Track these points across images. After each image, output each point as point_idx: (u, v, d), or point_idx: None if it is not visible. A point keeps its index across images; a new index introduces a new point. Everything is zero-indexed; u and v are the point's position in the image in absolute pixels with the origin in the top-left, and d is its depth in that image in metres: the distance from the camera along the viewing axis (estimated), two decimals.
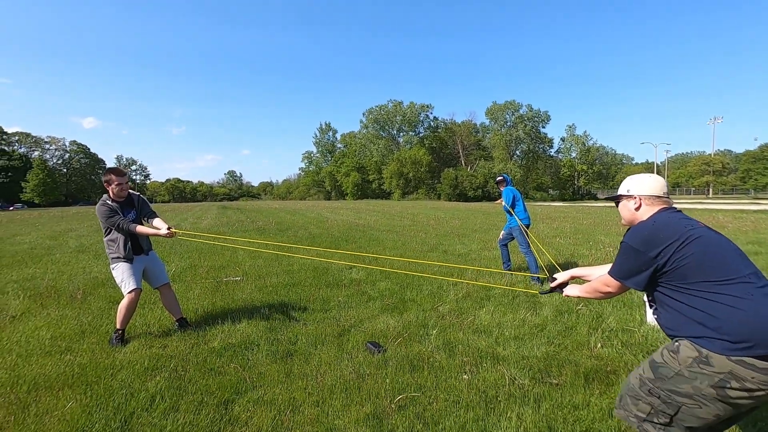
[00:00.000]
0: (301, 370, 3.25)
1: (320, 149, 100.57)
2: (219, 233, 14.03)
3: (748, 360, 1.56)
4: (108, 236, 3.91)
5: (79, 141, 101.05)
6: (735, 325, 1.60)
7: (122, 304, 3.83)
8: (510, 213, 6.30)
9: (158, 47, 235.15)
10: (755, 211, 21.68)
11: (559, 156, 75.46)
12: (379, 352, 3.52)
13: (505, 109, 70.78)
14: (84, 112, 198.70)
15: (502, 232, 6.63)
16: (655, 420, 1.79)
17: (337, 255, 8.68)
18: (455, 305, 4.91)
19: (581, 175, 71.69)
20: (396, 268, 6.99)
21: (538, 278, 6.01)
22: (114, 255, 3.88)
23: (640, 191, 1.98)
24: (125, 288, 3.83)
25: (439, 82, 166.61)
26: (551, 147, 74.05)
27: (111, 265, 3.93)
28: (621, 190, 2.07)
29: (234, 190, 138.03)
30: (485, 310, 4.67)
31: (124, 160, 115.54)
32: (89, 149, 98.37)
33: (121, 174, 3.92)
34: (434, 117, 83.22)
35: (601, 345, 3.67)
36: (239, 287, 5.94)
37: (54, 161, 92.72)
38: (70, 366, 3.34)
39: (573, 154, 73.02)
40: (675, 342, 1.77)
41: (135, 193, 4.13)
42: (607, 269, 2.15)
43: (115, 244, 3.87)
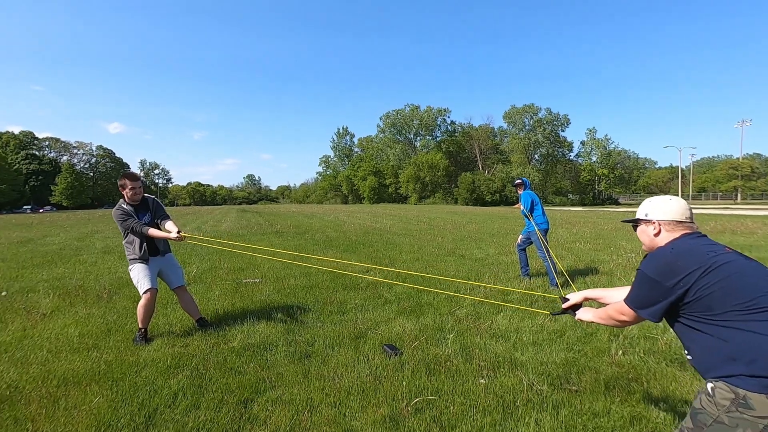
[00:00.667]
0: (319, 371, 3.28)
1: (338, 153, 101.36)
2: (238, 236, 14.28)
3: None
4: (126, 239, 4.06)
5: (105, 146, 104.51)
6: None
7: (140, 304, 3.96)
8: (528, 217, 6.23)
9: (181, 55, 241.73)
10: None
11: (579, 160, 73.95)
12: (396, 355, 3.53)
13: (524, 113, 69.91)
14: (110, 118, 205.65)
15: (521, 236, 6.57)
16: None
17: (354, 259, 8.73)
18: (472, 309, 4.88)
19: (602, 180, 70.09)
20: (411, 275, 6.99)
21: (557, 284, 5.93)
22: (131, 256, 4.03)
23: (660, 216, 1.83)
24: (141, 288, 3.96)
25: (457, 87, 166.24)
26: (571, 151, 72.72)
27: (129, 267, 4.08)
28: (639, 214, 1.93)
29: (253, 194, 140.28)
30: (503, 315, 4.63)
31: (148, 164, 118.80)
32: (114, 154, 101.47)
33: (135, 179, 4.06)
34: (451, 121, 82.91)
35: (623, 352, 3.59)
36: (258, 289, 6.03)
37: (81, 165, 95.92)
38: (97, 363, 3.46)
39: (593, 158, 71.44)
40: (710, 383, 1.58)
41: (150, 197, 4.25)
42: (624, 292, 2.02)
43: (132, 246, 4.02)
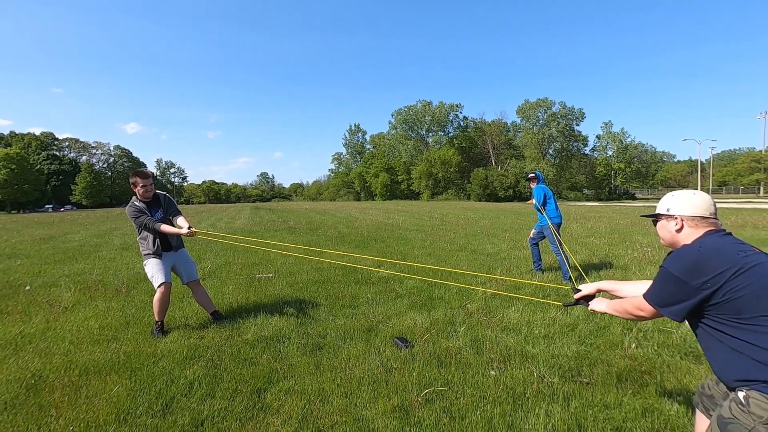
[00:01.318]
0: (330, 363, 3.33)
1: (350, 150, 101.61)
2: (252, 232, 14.46)
3: None
4: (140, 235, 4.17)
5: (123, 146, 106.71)
6: None
7: (155, 298, 4.07)
8: (540, 211, 6.18)
9: (196, 57, 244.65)
10: None
11: (595, 154, 72.81)
12: (407, 348, 3.56)
13: (537, 107, 69.02)
14: (127, 118, 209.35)
15: (533, 231, 6.52)
16: None
17: (366, 254, 8.78)
18: (484, 303, 4.88)
19: (618, 174, 68.89)
20: (422, 270, 7.00)
21: (570, 277, 5.87)
22: (145, 252, 4.15)
23: (683, 211, 1.73)
24: (155, 282, 4.07)
25: (469, 82, 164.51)
26: (586, 145, 71.59)
27: (143, 261, 4.21)
28: (660, 209, 1.83)
29: (266, 192, 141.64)
30: (514, 309, 4.62)
31: (164, 164, 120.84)
32: (131, 153, 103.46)
33: (146, 176, 4.14)
34: (464, 116, 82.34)
35: (636, 345, 3.56)
36: (271, 283, 6.12)
37: (100, 165, 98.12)
38: (117, 354, 3.57)
39: (609, 153, 70.23)
40: (741, 391, 1.50)
41: (161, 193, 4.34)
42: (640, 287, 1.97)
43: (146, 242, 4.13)
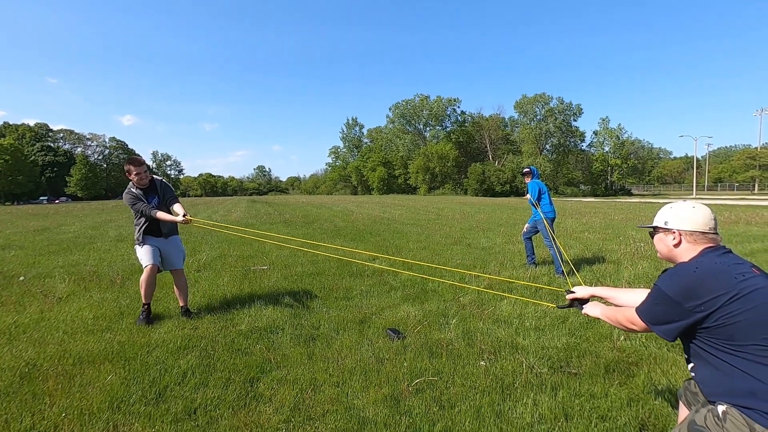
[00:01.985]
0: (323, 353, 3.37)
1: (347, 144, 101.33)
2: (248, 225, 14.45)
3: None
4: (136, 219, 4.22)
5: (118, 137, 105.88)
6: None
7: (141, 278, 4.14)
8: (535, 206, 6.23)
9: (193, 50, 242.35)
10: None
11: (592, 150, 72.84)
12: (399, 339, 3.60)
13: (535, 103, 68.87)
14: (123, 110, 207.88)
15: (527, 225, 6.57)
16: None
17: (361, 247, 8.81)
18: (476, 296, 4.92)
19: (614, 170, 69.04)
20: (416, 263, 7.04)
21: (563, 272, 5.93)
22: (137, 236, 4.20)
23: (681, 225, 1.67)
24: (143, 263, 4.14)
25: (467, 76, 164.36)
26: (583, 141, 71.58)
27: (135, 246, 4.26)
28: (658, 221, 1.77)
29: (263, 185, 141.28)
30: (506, 302, 4.66)
31: (160, 156, 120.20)
32: (127, 145, 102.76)
33: (139, 164, 4.13)
34: (461, 111, 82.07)
35: (624, 338, 3.61)
36: (266, 276, 6.14)
37: (95, 157, 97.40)
38: (110, 343, 3.59)
39: (606, 148, 70.26)
40: (721, 405, 1.50)
41: (158, 179, 4.32)
42: (635, 297, 1.95)
43: (138, 228, 4.18)
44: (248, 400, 2.68)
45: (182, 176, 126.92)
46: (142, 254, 4.15)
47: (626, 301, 2.02)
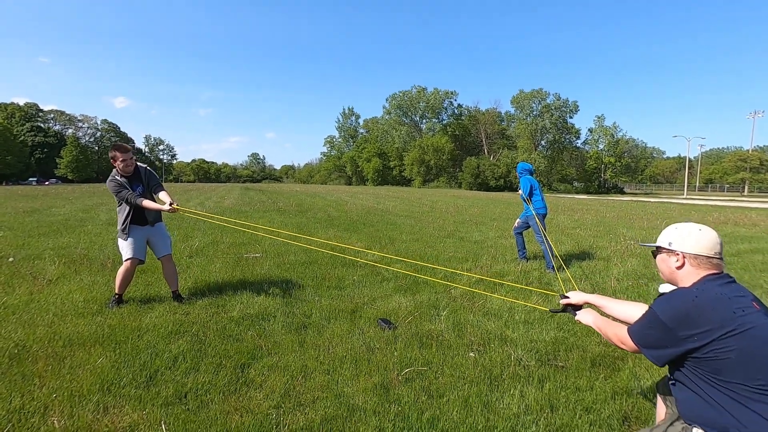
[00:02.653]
0: (314, 341, 3.39)
1: (342, 134, 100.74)
2: (240, 212, 14.38)
3: None
4: (119, 207, 4.13)
5: (111, 120, 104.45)
6: None
7: (119, 270, 4.09)
8: (526, 202, 6.27)
9: (190, 32, 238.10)
10: None
11: (586, 147, 73.26)
12: (390, 329, 3.63)
13: (532, 98, 68.88)
14: (116, 92, 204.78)
15: (518, 220, 6.61)
16: None
17: (354, 238, 8.82)
18: (468, 289, 4.96)
19: (608, 168, 69.55)
20: (407, 256, 7.07)
21: (553, 267, 6.00)
22: (120, 226, 4.11)
23: (686, 248, 1.62)
24: (123, 255, 4.09)
25: (465, 69, 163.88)
26: (578, 138, 71.93)
27: (117, 234, 4.19)
28: (661, 241, 1.73)
29: (257, 173, 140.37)
30: (497, 295, 4.71)
31: (152, 140, 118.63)
32: (119, 128, 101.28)
33: (125, 150, 4.03)
34: (458, 104, 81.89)
35: None
36: (259, 263, 6.14)
37: (86, 139, 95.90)
38: (101, 327, 3.58)
39: (601, 146, 70.68)
40: (696, 429, 1.52)
41: (142, 166, 4.23)
42: (630, 310, 1.94)
43: (121, 216, 4.09)
44: (239, 386, 2.70)
45: (175, 161, 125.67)
46: (125, 247, 4.09)
47: (619, 313, 2.01)
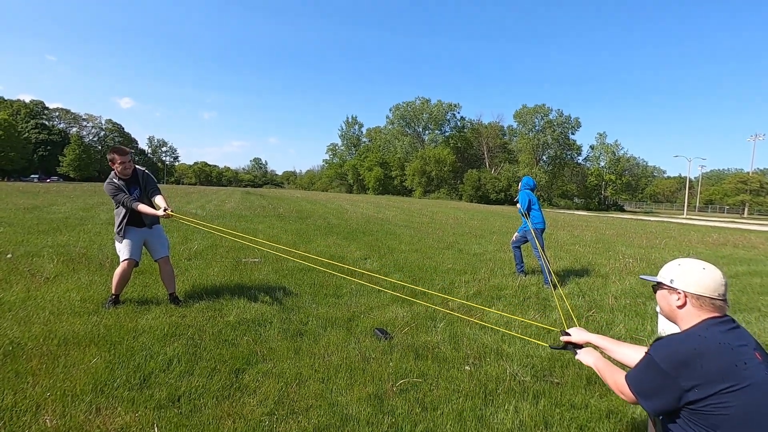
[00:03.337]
0: (310, 349, 3.38)
1: (345, 142, 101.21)
2: (241, 217, 14.39)
3: None
4: (116, 209, 4.15)
5: (115, 120, 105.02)
6: None
7: (116, 271, 4.09)
8: (524, 216, 6.30)
9: (198, 35, 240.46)
10: None
11: (587, 164, 73.60)
12: (386, 339, 3.63)
13: (535, 113, 69.38)
14: (122, 93, 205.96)
15: (516, 234, 6.63)
16: None
17: (353, 246, 8.81)
18: (465, 301, 4.96)
19: (609, 185, 69.76)
20: (406, 266, 7.07)
21: (550, 281, 5.99)
22: (116, 228, 4.13)
23: (688, 287, 1.55)
24: (121, 257, 4.10)
25: (469, 83, 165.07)
26: (579, 154, 72.33)
27: (114, 235, 4.20)
28: (663, 277, 1.66)
29: (258, 177, 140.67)
30: (495, 309, 4.71)
31: (156, 141, 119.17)
32: (123, 128, 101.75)
33: (124, 153, 4.03)
34: (461, 117, 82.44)
35: None
36: (257, 268, 6.14)
37: (90, 138, 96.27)
38: (97, 326, 3.57)
39: (602, 163, 71.04)
40: None
41: (140, 169, 4.23)
42: (633, 354, 1.87)
43: (118, 218, 4.11)
44: (232, 391, 2.69)
45: (177, 163, 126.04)
46: (122, 248, 4.10)
47: (622, 357, 1.93)
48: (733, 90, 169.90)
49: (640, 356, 1.62)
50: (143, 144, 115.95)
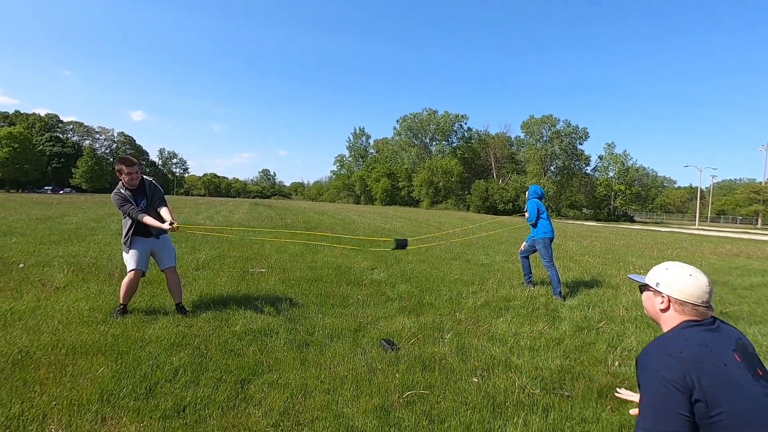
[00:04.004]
0: (316, 360, 3.36)
1: (353, 153, 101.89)
2: (248, 227, 14.47)
3: None
4: (124, 219, 4.21)
5: (127, 132, 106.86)
6: None
7: (124, 281, 4.12)
8: (532, 226, 6.25)
9: (207, 49, 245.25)
10: None
11: (596, 174, 73.14)
12: (393, 350, 3.59)
13: (542, 124, 69.32)
14: (133, 106, 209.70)
15: (525, 244, 6.56)
16: None
17: (359, 256, 8.80)
18: (473, 312, 4.91)
19: (618, 196, 69.11)
20: (413, 276, 7.02)
21: (560, 294, 5.91)
22: (124, 238, 4.18)
23: (672, 292, 1.56)
24: (128, 266, 4.13)
25: (476, 94, 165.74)
26: (588, 165, 71.94)
27: (122, 245, 4.24)
28: (650, 279, 1.67)
29: (267, 189, 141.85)
30: (503, 320, 4.65)
31: (166, 153, 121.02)
32: (135, 141, 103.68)
33: (131, 164, 4.07)
34: (468, 128, 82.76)
35: (619, 363, 3.59)
36: (264, 278, 6.14)
37: (102, 150, 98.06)
38: (104, 336, 3.58)
39: (611, 174, 70.52)
40: None
41: (148, 179, 4.26)
42: None
43: (125, 228, 4.17)
44: (238, 402, 2.67)
45: (187, 174, 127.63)
46: (129, 258, 4.13)
47: None
48: (744, 99, 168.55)
49: None
50: (154, 156, 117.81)
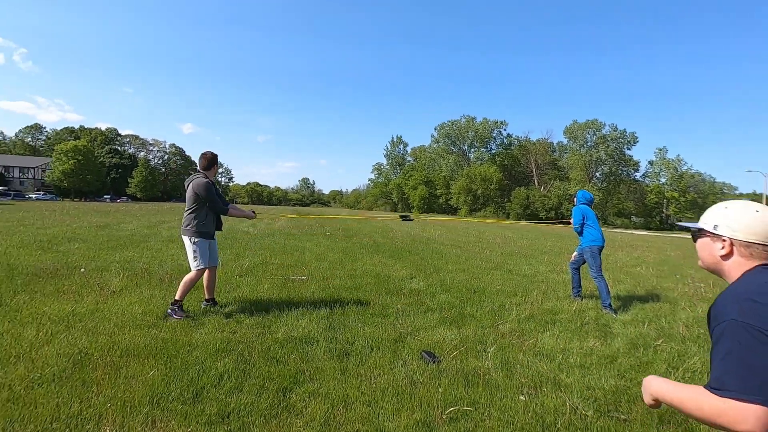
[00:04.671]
0: (356, 370, 3.32)
1: (390, 161, 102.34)
2: (290, 235, 14.80)
3: None
4: (195, 211, 4.37)
5: (177, 144, 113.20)
6: None
7: (189, 277, 4.32)
8: (578, 234, 5.95)
9: (255, 63, 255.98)
10: None
11: (646, 181, 69.37)
12: (434, 362, 3.50)
13: (586, 129, 66.77)
14: (184, 119, 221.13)
15: (574, 254, 6.26)
16: None
17: (398, 265, 8.74)
18: (517, 325, 4.72)
19: (671, 203, 65.10)
20: (452, 286, 6.88)
21: (611, 306, 5.57)
22: (201, 229, 4.34)
23: (735, 233, 1.26)
24: (200, 264, 4.31)
25: (516, 99, 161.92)
26: (637, 170, 68.43)
27: (191, 238, 4.37)
28: (705, 222, 1.36)
29: (306, 197, 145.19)
30: (549, 334, 4.43)
31: None
32: (185, 152, 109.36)
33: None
34: (508, 134, 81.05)
35: None
36: (304, 286, 6.22)
37: (155, 161, 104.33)
38: (155, 339, 3.73)
39: (662, 180, 66.71)
40: None
41: None
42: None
43: (205, 220, 4.35)
44: (280, 410, 2.68)
45: (231, 183, 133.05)
46: (202, 253, 4.34)
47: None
48: None
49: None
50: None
